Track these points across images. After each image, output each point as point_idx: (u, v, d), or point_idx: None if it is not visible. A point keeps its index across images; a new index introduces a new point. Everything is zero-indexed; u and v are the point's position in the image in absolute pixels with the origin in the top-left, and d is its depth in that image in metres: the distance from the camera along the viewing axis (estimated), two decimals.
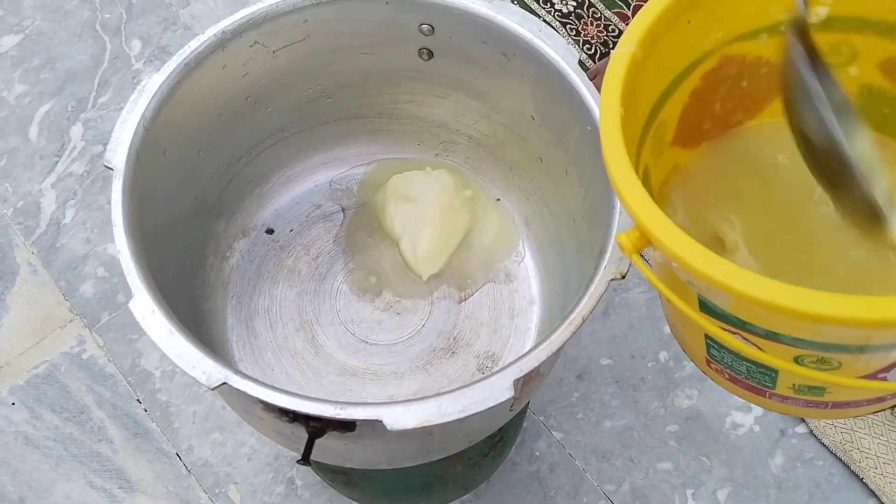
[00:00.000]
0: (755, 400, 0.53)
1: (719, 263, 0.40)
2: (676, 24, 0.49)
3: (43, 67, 1.19)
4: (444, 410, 0.52)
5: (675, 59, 0.51)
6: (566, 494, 0.98)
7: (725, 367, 0.51)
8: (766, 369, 0.48)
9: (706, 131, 0.57)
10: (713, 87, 0.54)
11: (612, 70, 0.47)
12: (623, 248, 0.44)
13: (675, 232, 0.41)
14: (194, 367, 0.52)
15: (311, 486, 0.97)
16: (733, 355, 0.49)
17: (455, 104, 0.75)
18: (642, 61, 0.47)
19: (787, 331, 0.43)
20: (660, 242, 0.41)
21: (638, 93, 0.47)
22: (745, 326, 0.44)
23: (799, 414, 0.54)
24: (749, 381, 0.51)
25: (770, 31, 0.52)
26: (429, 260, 0.75)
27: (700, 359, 0.54)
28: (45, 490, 0.97)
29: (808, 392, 0.50)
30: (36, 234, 1.10)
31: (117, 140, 0.59)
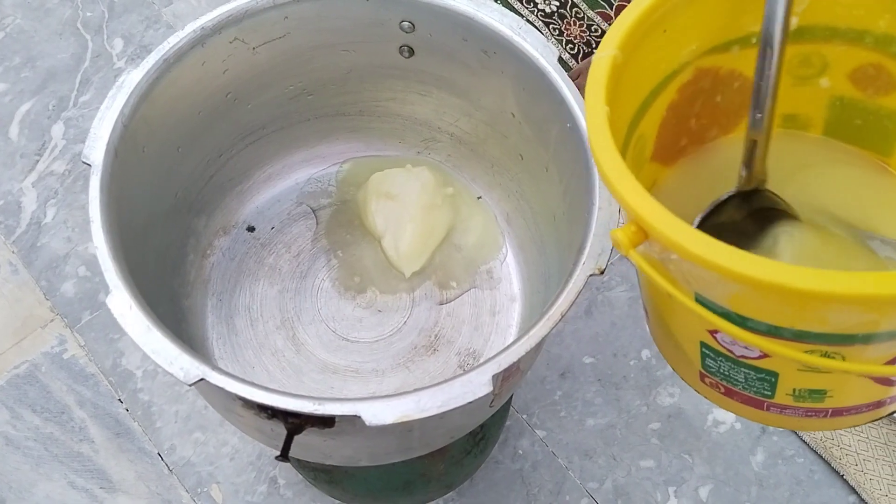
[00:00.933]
0: (752, 414, 0.52)
1: (723, 248, 0.38)
2: (654, 32, 0.49)
3: (24, 66, 1.19)
4: (423, 406, 0.52)
5: (652, 68, 0.51)
6: (549, 492, 0.98)
7: (721, 379, 0.51)
8: (766, 374, 0.48)
9: (683, 148, 0.57)
10: (689, 101, 0.54)
11: (594, 72, 0.46)
12: (618, 244, 0.42)
13: (675, 221, 0.40)
14: (171, 363, 0.52)
15: (294, 485, 0.97)
16: (730, 363, 0.48)
17: (436, 102, 0.75)
18: (623, 66, 0.47)
19: (790, 323, 0.42)
20: (659, 233, 0.40)
21: (620, 99, 0.47)
22: (746, 324, 0.43)
23: (797, 426, 0.53)
24: (746, 391, 0.50)
25: (741, 43, 0.52)
26: (411, 257, 0.75)
27: (693, 374, 0.53)
28: (26, 490, 0.97)
29: (808, 398, 0.49)
30: (16, 234, 1.09)
31: (95, 136, 0.59)
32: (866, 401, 0.50)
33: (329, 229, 0.79)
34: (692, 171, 0.57)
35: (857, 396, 0.50)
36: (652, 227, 0.41)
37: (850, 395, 0.49)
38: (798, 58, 0.53)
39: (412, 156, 0.81)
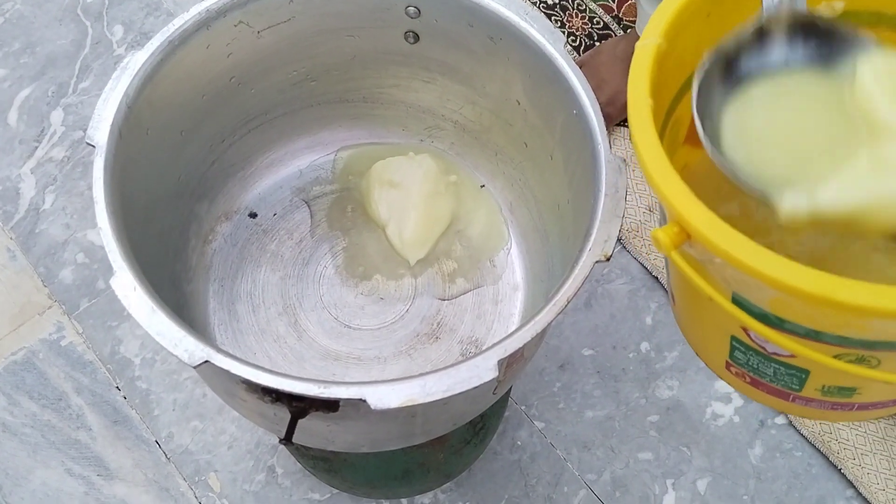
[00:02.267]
0: (775, 404, 0.52)
1: (771, 257, 0.38)
2: (697, 17, 0.49)
3: (23, 52, 1.18)
4: (429, 390, 0.51)
5: (693, 52, 0.50)
6: (547, 483, 0.98)
7: (749, 371, 0.50)
8: (797, 371, 0.47)
9: None
10: None
11: (638, 62, 0.46)
12: (659, 244, 0.42)
13: (720, 225, 0.40)
14: (176, 346, 0.51)
15: (292, 474, 0.97)
16: (760, 357, 0.48)
17: (440, 89, 0.75)
18: (666, 53, 0.47)
19: (831, 329, 0.42)
20: (703, 236, 0.40)
21: (661, 86, 0.47)
22: (784, 326, 0.43)
23: (821, 417, 0.53)
24: (774, 384, 0.50)
25: None
26: (415, 245, 0.75)
27: (719, 363, 0.53)
28: (23, 477, 0.96)
29: (836, 394, 0.49)
30: (15, 220, 1.08)
31: (99, 117, 0.58)
32: (894, 397, 0.50)
33: (330, 217, 0.78)
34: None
35: (886, 393, 0.50)
36: (697, 230, 0.40)
37: (879, 392, 0.49)
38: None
39: (415, 143, 0.81)
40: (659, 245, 0.42)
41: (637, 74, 0.46)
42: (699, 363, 1.03)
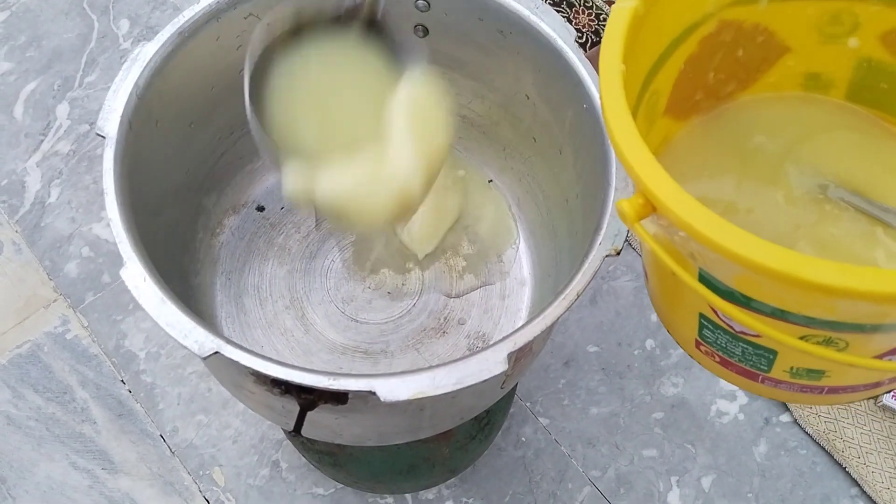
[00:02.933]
0: (745, 384, 0.51)
1: (735, 232, 0.37)
2: None
3: (29, 45, 1.18)
4: (439, 382, 0.51)
5: (674, 19, 0.49)
6: (551, 480, 0.98)
7: (718, 350, 0.49)
8: (764, 351, 0.46)
9: (697, 102, 0.55)
10: (709, 54, 0.52)
11: (612, 25, 0.44)
12: (624, 215, 0.41)
13: (685, 198, 0.38)
14: (186, 336, 0.51)
15: (297, 468, 0.97)
16: (728, 336, 0.47)
17: (449, 83, 0.74)
18: (643, 17, 0.45)
19: (797, 308, 0.41)
20: (667, 209, 0.38)
21: (637, 53, 0.45)
22: (751, 304, 0.41)
23: (790, 399, 0.52)
24: (743, 364, 0.49)
25: None
26: (424, 239, 0.75)
27: (689, 341, 0.52)
28: (27, 470, 0.96)
29: (805, 376, 0.48)
30: (20, 213, 1.08)
31: (109, 108, 0.58)
32: (864, 381, 0.49)
33: None
34: (705, 129, 0.55)
35: (854, 377, 0.49)
36: (662, 202, 0.39)
37: (847, 376, 0.48)
38: (828, 14, 0.52)
39: None
40: (624, 216, 0.41)
41: (610, 38, 0.44)
42: None
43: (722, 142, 0.55)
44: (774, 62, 0.54)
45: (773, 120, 0.55)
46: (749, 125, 0.55)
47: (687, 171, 0.53)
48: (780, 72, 0.55)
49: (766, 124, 0.55)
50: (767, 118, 0.55)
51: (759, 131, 0.55)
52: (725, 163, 0.54)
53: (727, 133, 0.55)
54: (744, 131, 0.55)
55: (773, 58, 0.54)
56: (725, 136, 0.55)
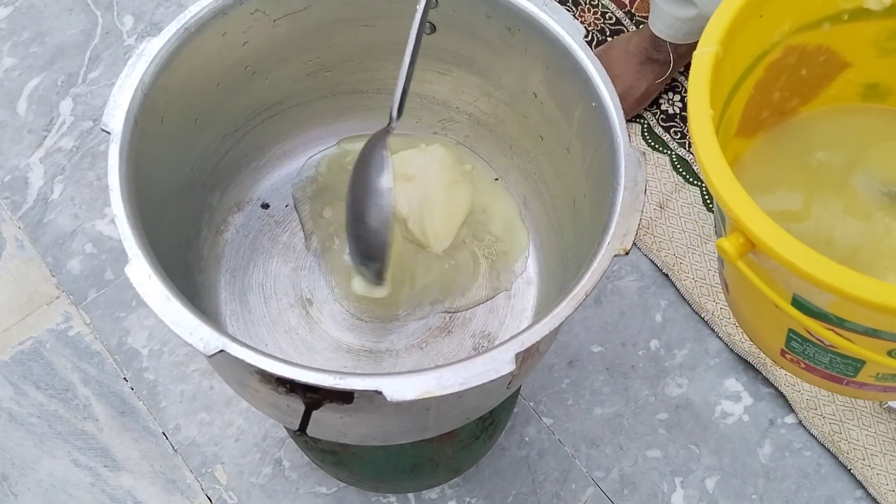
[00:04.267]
0: (830, 387, 0.55)
1: (834, 268, 0.41)
2: (751, 19, 0.50)
3: (32, 41, 1.17)
4: (445, 382, 0.51)
5: (745, 53, 0.52)
6: (555, 480, 0.98)
7: (804, 359, 0.53)
8: (853, 361, 0.50)
9: (763, 120, 0.58)
10: (775, 76, 0.55)
11: (697, 71, 0.47)
12: (726, 254, 0.44)
13: (787, 238, 0.42)
14: (191, 334, 0.51)
15: (299, 467, 0.97)
16: (817, 348, 0.50)
17: (456, 81, 0.74)
18: (722, 59, 0.48)
19: (890, 328, 0.44)
20: (771, 250, 0.42)
21: (716, 91, 0.48)
22: (843, 324, 0.45)
23: (874, 398, 0.56)
24: (829, 370, 0.52)
25: (833, 20, 0.54)
26: (439, 236, 0.75)
27: (774, 350, 0.55)
28: (29, 467, 0.96)
29: (890, 379, 0.52)
30: (23, 210, 1.08)
31: (114, 104, 0.58)
32: None
33: (336, 210, 0.78)
34: (771, 144, 0.59)
35: None
36: (766, 244, 0.42)
37: None
38: (887, 31, 0.54)
39: (428, 136, 0.80)
40: (725, 254, 0.44)
41: (696, 85, 0.47)
42: (709, 361, 1.03)
43: (788, 156, 0.58)
44: (835, 77, 0.57)
45: (835, 132, 0.59)
46: (812, 138, 0.59)
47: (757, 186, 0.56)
48: (840, 85, 0.58)
49: (828, 136, 0.59)
50: (829, 130, 0.59)
51: (822, 143, 0.58)
52: (792, 176, 0.57)
53: (792, 147, 0.59)
54: (808, 144, 0.59)
55: (835, 73, 0.57)
56: (791, 150, 0.59)
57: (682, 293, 1.05)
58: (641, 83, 1.10)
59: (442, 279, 0.75)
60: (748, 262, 0.45)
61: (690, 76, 0.47)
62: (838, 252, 0.54)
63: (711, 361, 1.03)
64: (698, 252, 1.06)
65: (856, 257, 0.53)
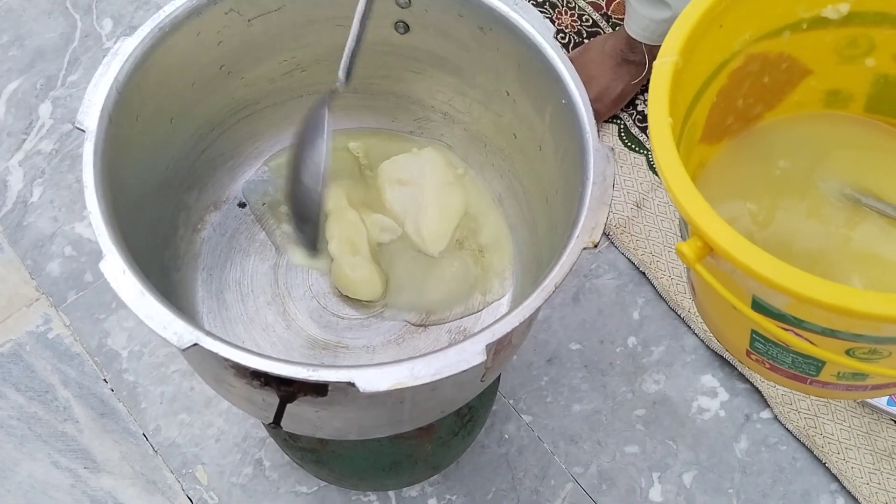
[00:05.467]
0: (795, 386, 0.56)
1: (790, 271, 0.42)
2: (711, 29, 0.51)
3: (11, 44, 1.18)
4: (417, 373, 0.52)
5: (707, 62, 0.53)
6: (534, 476, 0.98)
7: (768, 359, 0.54)
8: (814, 360, 0.51)
9: (728, 126, 0.59)
10: (738, 84, 0.57)
11: (657, 81, 0.48)
12: (684, 257, 0.45)
13: (744, 243, 0.43)
14: (165, 328, 0.51)
15: (280, 466, 0.97)
16: (779, 348, 0.52)
17: (430, 80, 0.75)
18: (682, 69, 0.49)
19: (846, 328, 0.45)
20: (728, 254, 0.43)
21: (677, 99, 0.49)
22: (802, 324, 0.46)
23: (838, 397, 0.57)
24: (792, 370, 0.53)
25: (793, 28, 0.55)
26: (435, 239, 0.76)
27: (739, 350, 0.56)
28: (9, 469, 0.96)
29: (850, 378, 0.53)
30: (2, 212, 1.08)
31: (89, 102, 0.58)
32: None
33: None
34: (736, 151, 0.60)
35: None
36: (723, 248, 0.43)
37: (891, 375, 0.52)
38: (846, 39, 0.56)
39: (405, 135, 0.81)
40: (684, 258, 0.45)
41: (656, 94, 0.48)
42: (685, 358, 1.04)
43: (752, 162, 0.60)
44: (797, 84, 0.59)
45: (799, 138, 0.60)
46: (776, 144, 0.60)
47: (722, 192, 0.57)
48: (802, 91, 0.60)
49: (792, 142, 0.60)
50: (793, 136, 0.60)
51: (786, 149, 0.60)
52: (757, 182, 0.59)
53: (757, 153, 0.60)
54: (772, 150, 0.60)
55: (797, 80, 0.58)
56: (755, 157, 0.61)
57: (659, 291, 1.06)
58: (618, 84, 1.11)
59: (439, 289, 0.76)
60: (708, 266, 0.46)
61: (651, 85, 0.49)
62: (803, 256, 0.55)
63: (688, 358, 1.04)
64: (674, 250, 1.07)
65: (820, 261, 0.55)
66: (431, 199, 0.77)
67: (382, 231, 0.76)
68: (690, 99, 0.53)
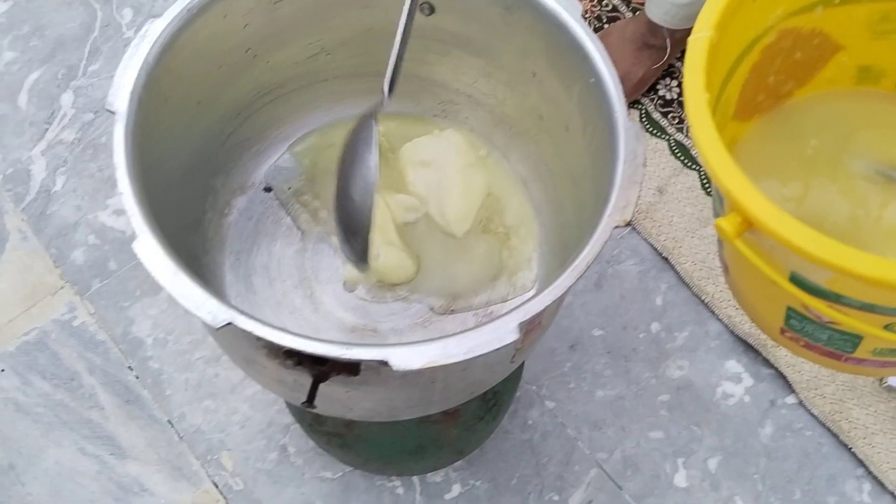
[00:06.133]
0: (829, 364, 0.56)
1: (832, 245, 0.42)
2: (744, 4, 0.51)
3: (32, 35, 1.18)
4: (450, 351, 0.52)
5: (740, 37, 0.53)
6: (558, 462, 0.98)
7: (803, 336, 0.54)
8: (851, 336, 0.51)
9: (760, 103, 0.59)
10: (770, 60, 0.57)
11: (692, 56, 0.48)
12: (724, 233, 0.45)
13: (786, 218, 0.43)
14: (200, 307, 0.52)
15: (305, 452, 0.97)
16: (815, 325, 0.51)
17: (455, 62, 0.75)
18: (717, 44, 0.49)
19: (886, 302, 0.45)
20: (769, 229, 0.43)
21: (711, 75, 0.49)
22: (841, 299, 0.46)
23: (870, 374, 0.57)
24: (828, 346, 0.53)
25: (825, 3, 0.55)
26: (459, 219, 0.76)
27: (773, 328, 0.56)
28: (36, 456, 0.97)
29: (888, 354, 0.53)
30: (26, 201, 1.08)
31: (119, 84, 0.58)
32: None
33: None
34: (768, 128, 0.60)
35: None
36: (764, 224, 0.43)
37: None
38: (878, 14, 0.56)
39: (427, 118, 0.81)
40: (723, 234, 0.45)
41: (692, 70, 0.49)
42: (709, 343, 1.04)
43: (784, 139, 0.60)
44: (829, 59, 0.59)
45: (830, 115, 0.60)
46: (808, 121, 0.60)
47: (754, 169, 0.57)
48: (834, 68, 0.59)
49: (823, 119, 0.60)
50: (824, 113, 0.60)
51: (817, 127, 0.60)
52: (788, 159, 0.59)
53: (788, 130, 0.60)
54: (803, 128, 0.60)
55: (828, 56, 0.58)
56: (787, 134, 0.61)
57: (682, 276, 1.06)
58: (639, 69, 1.11)
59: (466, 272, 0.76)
60: (746, 241, 0.46)
61: (686, 60, 0.49)
62: (834, 234, 0.55)
63: (712, 343, 1.04)
64: (697, 235, 1.07)
65: (852, 238, 0.55)
66: (454, 180, 0.77)
67: (407, 211, 0.76)
68: (724, 75, 0.53)
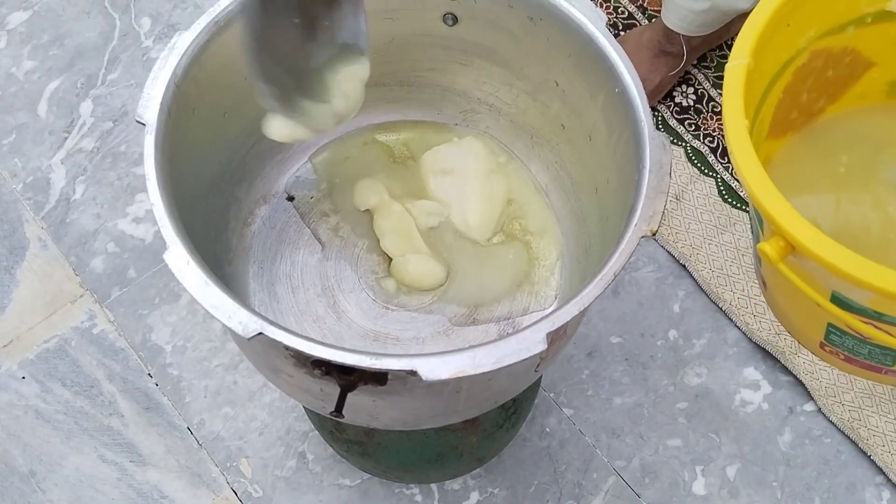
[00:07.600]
0: (869, 376, 0.57)
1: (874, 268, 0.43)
2: (779, 29, 0.52)
3: (52, 44, 1.19)
4: (479, 362, 0.52)
5: (775, 61, 0.54)
6: (576, 470, 0.98)
7: (844, 350, 0.55)
8: (891, 351, 0.52)
9: (793, 121, 0.61)
10: (802, 79, 0.58)
11: (730, 83, 0.50)
12: (768, 257, 0.46)
13: (828, 242, 0.44)
14: (230, 318, 0.52)
15: (323, 459, 0.97)
16: (856, 340, 0.53)
17: (477, 71, 0.75)
18: (754, 70, 0.50)
19: None
20: (813, 253, 0.44)
21: (748, 99, 0.50)
22: (882, 318, 0.47)
23: None
24: (868, 360, 0.54)
25: (857, 23, 0.56)
26: (481, 226, 0.76)
27: (813, 342, 0.58)
28: (56, 463, 0.97)
29: None
30: (45, 210, 1.09)
31: (149, 96, 0.59)
32: None
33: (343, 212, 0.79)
34: (801, 145, 0.61)
35: None
36: (808, 249, 0.45)
37: None
38: None
39: (448, 126, 0.81)
40: (767, 258, 0.46)
41: (731, 97, 0.49)
42: (727, 351, 1.04)
43: (817, 155, 0.62)
44: (861, 76, 0.60)
45: (861, 130, 0.62)
46: (840, 137, 0.61)
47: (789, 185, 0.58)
48: (865, 83, 0.61)
49: (855, 134, 0.61)
50: (856, 128, 0.62)
51: (849, 141, 0.61)
52: (822, 174, 0.60)
53: (821, 146, 0.61)
54: (835, 143, 0.61)
55: (860, 73, 0.60)
56: (819, 149, 0.62)
57: (700, 283, 1.06)
58: (655, 76, 1.11)
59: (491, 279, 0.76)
60: (788, 264, 0.47)
61: (724, 88, 0.49)
62: (868, 246, 0.55)
63: (730, 350, 1.04)
64: (714, 242, 1.07)
65: (885, 251, 0.55)
66: (475, 187, 0.77)
67: (429, 215, 0.76)
68: (759, 98, 0.54)
